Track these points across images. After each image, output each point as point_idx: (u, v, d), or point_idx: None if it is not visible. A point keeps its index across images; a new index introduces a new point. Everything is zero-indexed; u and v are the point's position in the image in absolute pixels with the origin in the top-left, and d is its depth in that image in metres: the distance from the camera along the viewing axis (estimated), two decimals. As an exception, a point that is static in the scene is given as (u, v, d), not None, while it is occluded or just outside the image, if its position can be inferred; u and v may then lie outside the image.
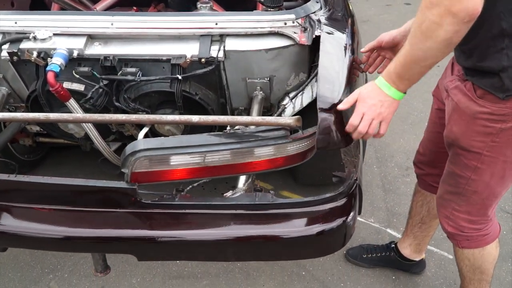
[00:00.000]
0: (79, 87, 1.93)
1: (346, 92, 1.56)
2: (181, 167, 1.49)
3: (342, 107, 1.45)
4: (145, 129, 1.74)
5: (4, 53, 1.88)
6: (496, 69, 1.36)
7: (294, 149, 1.54)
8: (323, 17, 1.89)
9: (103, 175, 2.48)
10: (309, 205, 1.53)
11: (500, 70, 1.35)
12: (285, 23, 1.86)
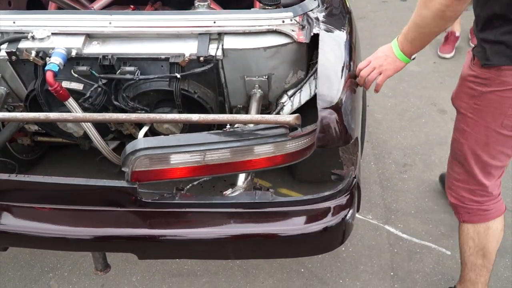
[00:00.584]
0: (78, 86, 1.93)
1: (345, 90, 1.57)
2: (181, 165, 1.50)
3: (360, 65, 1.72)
4: (145, 128, 1.74)
5: (2, 53, 1.89)
6: (485, 40, 1.58)
7: (293, 147, 1.55)
8: (321, 14, 1.90)
9: (102, 173, 2.49)
10: (308, 203, 1.53)
11: (487, 42, 1.57)
12: (283, 21, 1.87)
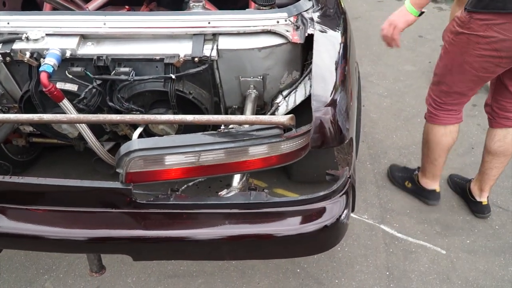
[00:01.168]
0: (73, 87, 1.93)
1: (339, 91, 1.57)
2: (176, 166, 1.49)
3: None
4: (139, 129, 1.74)
5: None
6: None
7: (288, 147, 1.55)
8: (315, 15, 1.90)
9: (97, 174, 2.49)
10: (303, 204, 1.53)
11: None
12: (278, 22, 1.87)
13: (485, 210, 2.63)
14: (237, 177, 1.73)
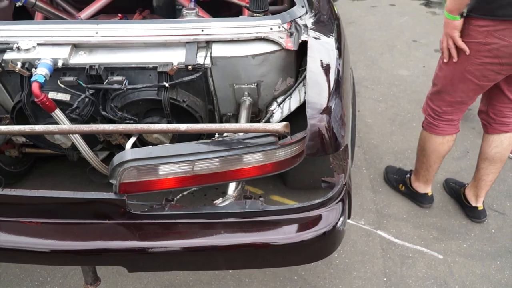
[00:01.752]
0: (65, 97, 1.91)
1: (334, 97, 1.56)
2: (170, 176, 1.48)
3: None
4: (133, 139, 1.72)
5: None
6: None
7: (283, 155, 1.54)
8: (309, 21, 1.90)
9: (92, 184, 2.47)
10: (299, 211, 1.52)
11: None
12: (271, 28, 1.86)
13: (481, 215, 2.63)
14: (232, 185, 1.71)
